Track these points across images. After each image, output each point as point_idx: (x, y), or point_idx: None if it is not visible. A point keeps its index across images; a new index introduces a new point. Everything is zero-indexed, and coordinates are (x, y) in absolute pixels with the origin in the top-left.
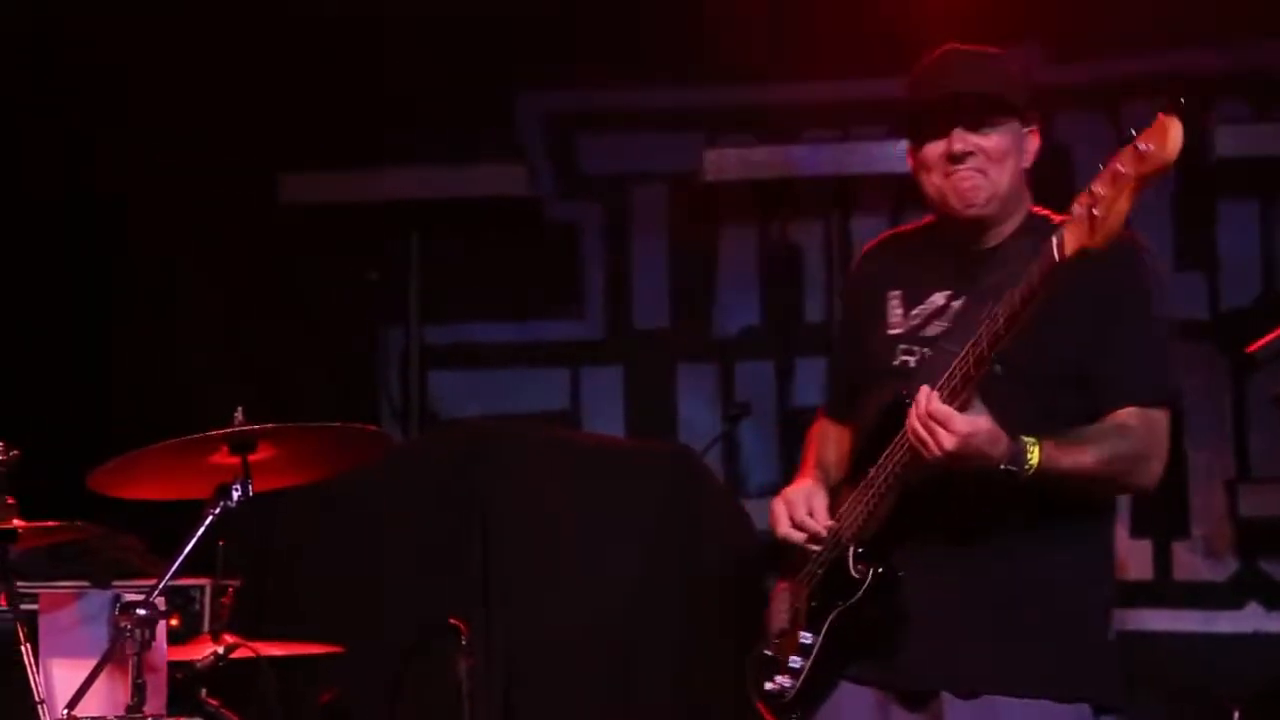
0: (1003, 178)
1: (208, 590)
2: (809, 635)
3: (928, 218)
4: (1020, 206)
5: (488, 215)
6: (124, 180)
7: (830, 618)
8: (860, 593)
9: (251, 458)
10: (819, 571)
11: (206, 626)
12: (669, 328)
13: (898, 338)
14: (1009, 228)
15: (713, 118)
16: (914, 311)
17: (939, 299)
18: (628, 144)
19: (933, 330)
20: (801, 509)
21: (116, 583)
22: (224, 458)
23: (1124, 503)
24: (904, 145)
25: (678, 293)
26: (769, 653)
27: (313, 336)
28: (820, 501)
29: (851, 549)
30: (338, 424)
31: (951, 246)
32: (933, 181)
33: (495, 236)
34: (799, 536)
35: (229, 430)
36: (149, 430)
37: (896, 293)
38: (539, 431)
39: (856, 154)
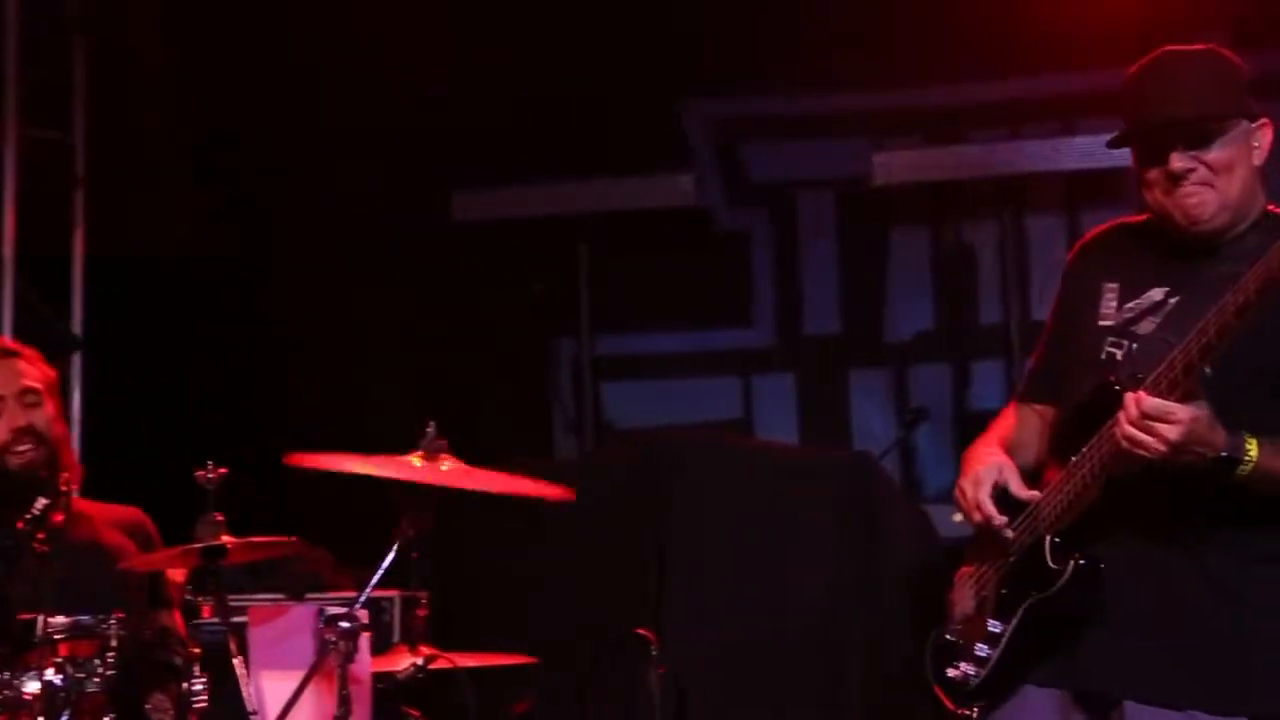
0: (1232, 187)
1: (397, 602)
2: (998, 624)
3: (1142, 215)
4: (1255, 206)
5: (656, 226)
6: (305, 201)
7: (1023, 607)
8: (1059, 585)
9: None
10: (1010, 559)
11: (397, 638)
12: (841, 333)
13: (1108, 329)
14: (1241, 229)
15: (880, 121)
16: (1129, 305)
17: (1156, 294)
18: (795, 150)
19: (1145, 327)
20: (986, 489)
21: (309, 596)
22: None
23: None
24: (1083, 142)
25: (849, 298)
26: (951, 638)
27: (486, 351)
28: (1012, 474)
29: (1049, 538)
30: (526, 490)
31: (1178, 243)
32: (1155, 198)
33: (664, 247)
34: (997, 521)
35: (424, 453)
36: (329, 446)
37: (1113, 285)
38: (716, 440)
39: (1027, 152)
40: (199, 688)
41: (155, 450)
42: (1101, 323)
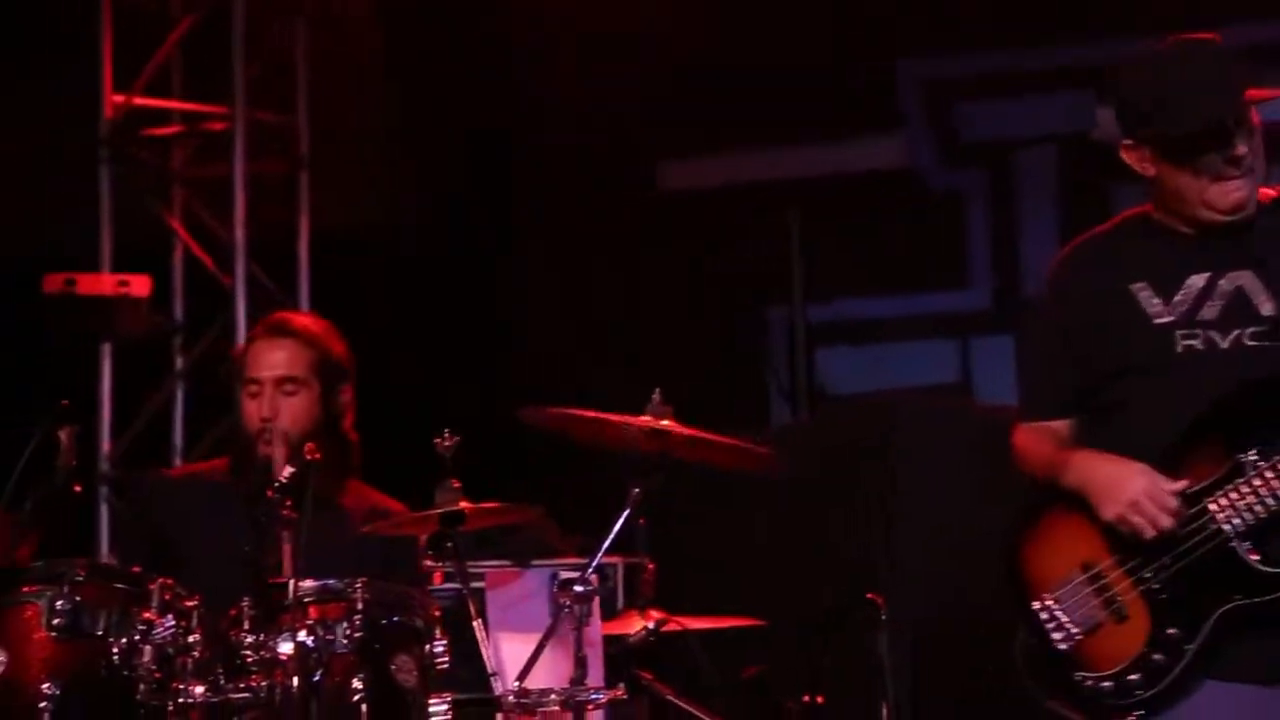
0: (1259, 175)
1: (620, 569)
2: (1177, 630)
3: (1122, 215)
4: None
5: (868, 189)
6: (521, 174)
7: (1219, 613)
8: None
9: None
10: (1169, 560)
11: (621, 604)
12: None
13: (1170, 325)
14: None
15: (1102, 74)
16: (1176, 298)
17: (1198, 281)
18: (1012, 107)
19: (1208, 313)
20: (1166, 501)
21: (535, 562)
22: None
23: None
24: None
25: None
26: (1067, 647)
27: (700, 321)
28: (1170, 484)
29: (1244, 543)
30: (743, 445)
31: (1180, 233)
32: (1193, 187)
33: (876, 210)
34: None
35: (647, 423)
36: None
37: (1141, 284)
38: (937, 402)
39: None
40: (440, 649)
41: (389, 420)
42: (1159, 321)
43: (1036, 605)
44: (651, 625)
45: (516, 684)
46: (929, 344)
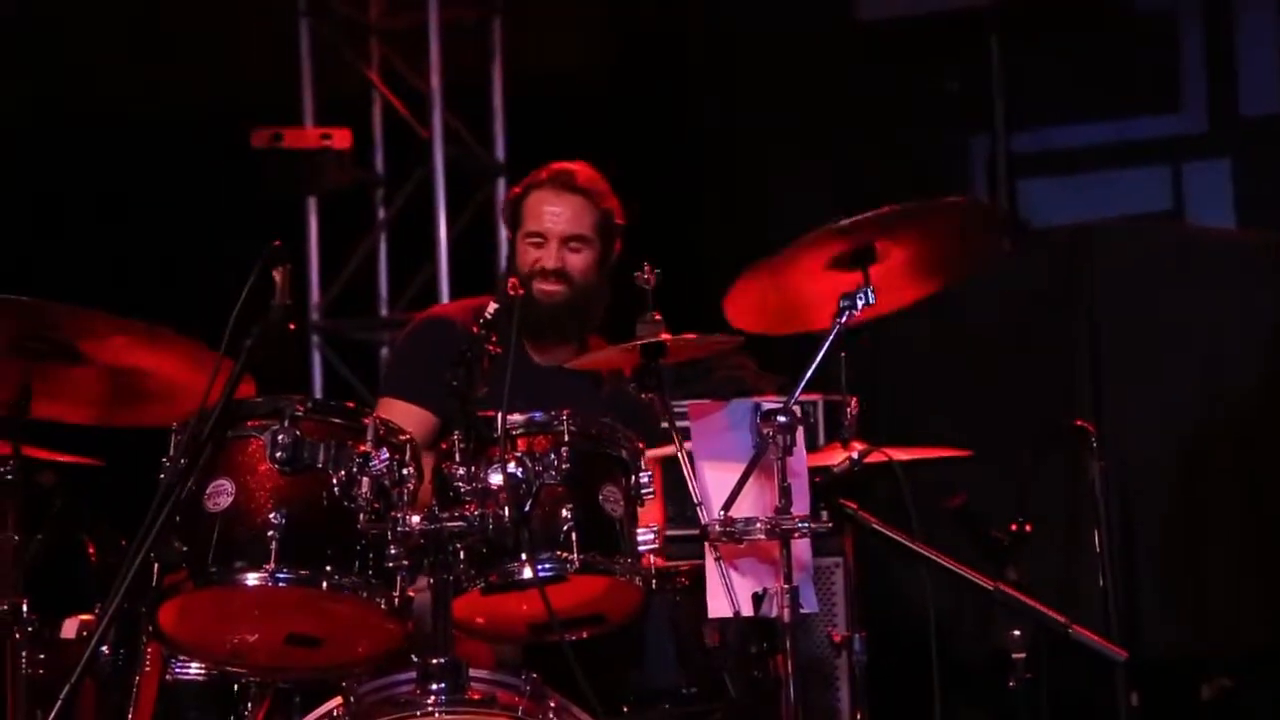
0: None
1: (820, 405)
2: None
3: None
4: None
5: (1071, 10)
6: (711, 15)
7: None
8: None
9: (873, 269)
10: None
11: (822, 440)
12: None
13: None
14: None
15: None
16: None
17: None
18: None
19: None
20: None
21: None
22: (845, 275)
23: None
24: None
25: None
26: None
27: (894, 155)
28: None
29: None
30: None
31: None
32: None
33: (1081, 32)
34: None
35: (847, 223)
36: (751, 252)
37: None
38: (1148, 231)
39: None
40: (645, 480)
41: None
42: None
43: None
44: (855, 455)
45: (722, 513)
46: (1139, 171)
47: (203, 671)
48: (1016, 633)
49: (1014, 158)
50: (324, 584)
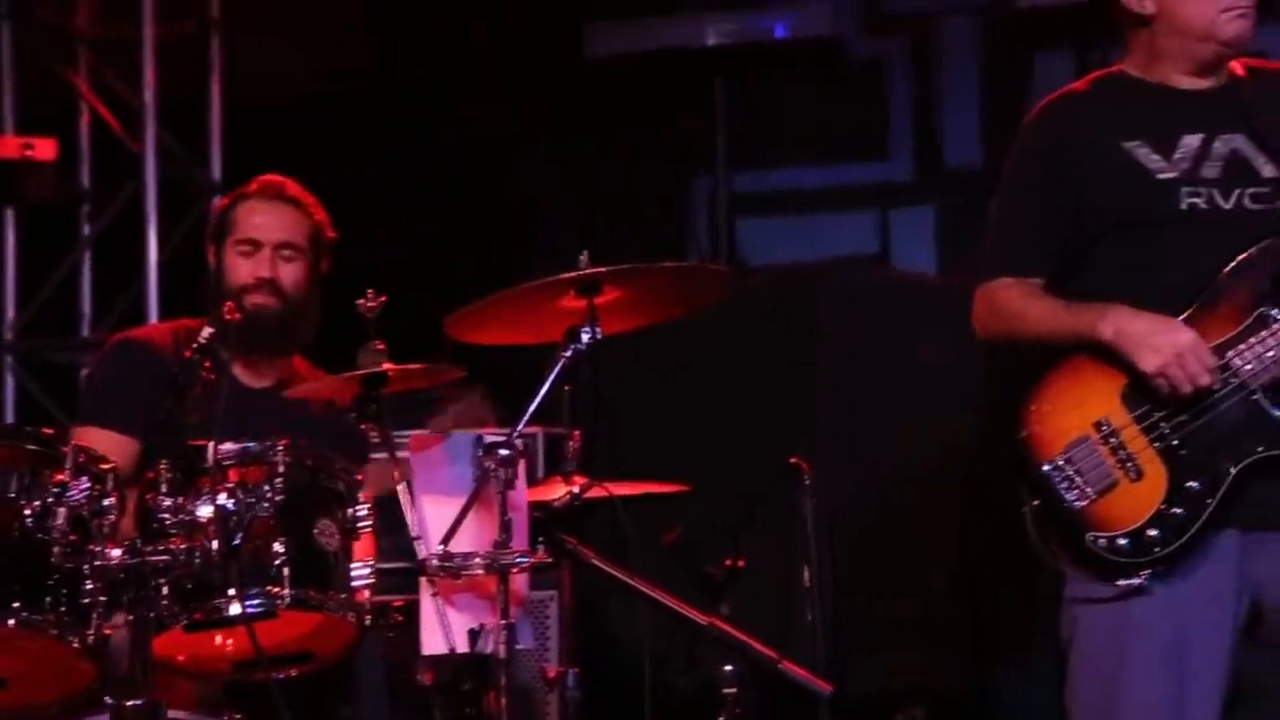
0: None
1: (540, 438)
2: (1198, 484)
3: (1093, 75)
4: None
5: (791, 57)
6: (443, 38)
7: (1244, 463)
8: None
9: (598, 300)
10: (1190, 418)
11: (542, 473)
12: (982, 164)
13: (1175, 181)
14: (1226, 66)
15: None
16: (1176, 155)
17: (1192, 141)
18: None
19: (1209, 172)
20: (1208, 358)
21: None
22: (571, 302)
23: None
24: None
25: (991, 128)
26: (1081, 504)
27: (621, 187)
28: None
29: (1266, 394)
30: (685, 263)
31: (1166, 92)
32: (1204, 12)
33: (799, 78)
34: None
35: (580, 273)
36: (483, 280)
37: (1136, 141)
38: (858, 272)
39: None
40: (363, 513)
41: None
42: (1162, 176)
43: (1047, 466)
44: (576, 490)
45: (440, 548)
46: (850, 215)
47: None
48: (729, 668)
49: (734, 198)
50: (11, 621)
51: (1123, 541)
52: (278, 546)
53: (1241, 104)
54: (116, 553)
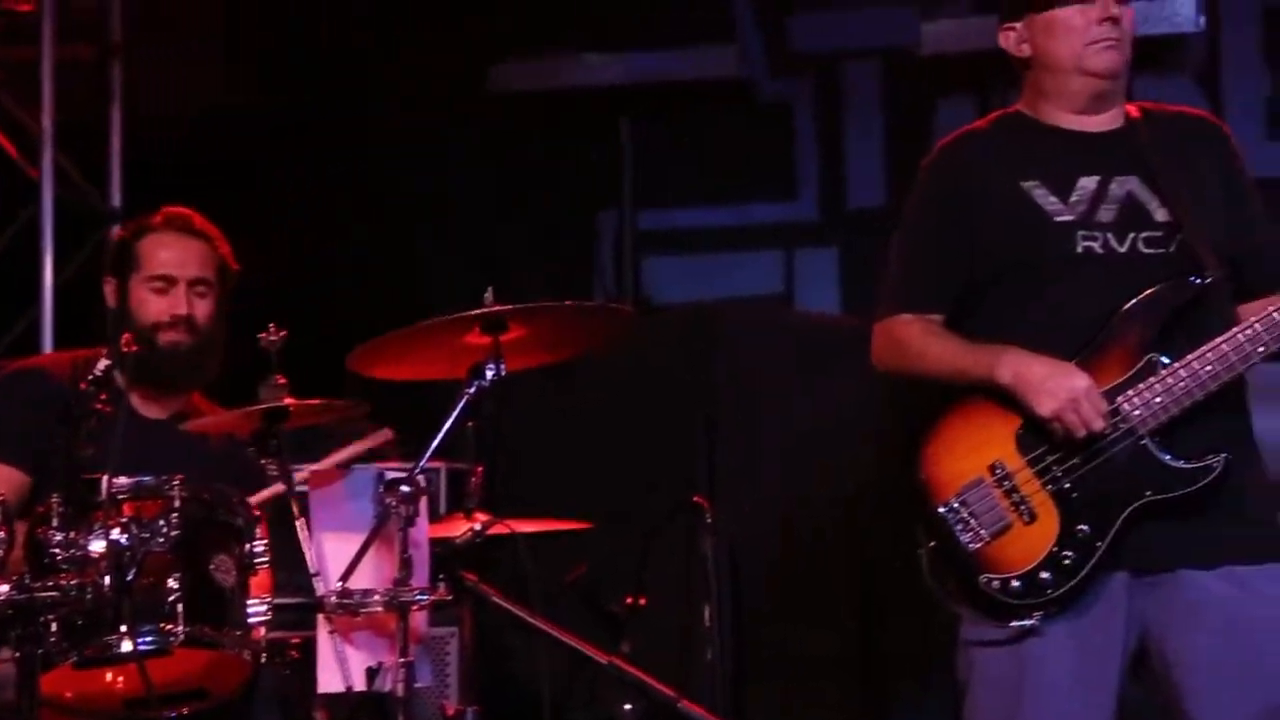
0: (1128, 51)
1: (443, 474)
2: (1088, 527)
3: (994, 114)
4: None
5: (698, 97)
6: (344, 69)
7: (1132, 508)
8: (1202, 483)
9: (502, 338)
10: (1081, 462)
11: (444, 508)
12: (885, 207)
13: (1071, 224)
14: (1119, 107)
15: None
16: (1073, 198)
17: (1090, 183)
18: (840, 20)
19: (1105, 215)
20: (1101, 404)
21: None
22: (475, 338)
23: None
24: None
25: (894, 171)
26: (975, 546)
27: (526, 224)
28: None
29: (1155, 440)
30: (590, 303)
31: (1063, 134)
32: (1070, 47)
33: (706, 118)
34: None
35: (485, 310)
36: (387, 315)
37: (1033, 182)
38: (760, 311)
39: None
40: (260, 549)
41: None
42: (1059, 219)
43: (943, 509)
44: (477, 527)
45: (339, 584)
46: (754, 254)
47: None
48: (629, 706)
49: (640, 235)
50: None
51: (1016, 584)
52: (172, 582)
53: (1136, 146)
54: (4, 588)
